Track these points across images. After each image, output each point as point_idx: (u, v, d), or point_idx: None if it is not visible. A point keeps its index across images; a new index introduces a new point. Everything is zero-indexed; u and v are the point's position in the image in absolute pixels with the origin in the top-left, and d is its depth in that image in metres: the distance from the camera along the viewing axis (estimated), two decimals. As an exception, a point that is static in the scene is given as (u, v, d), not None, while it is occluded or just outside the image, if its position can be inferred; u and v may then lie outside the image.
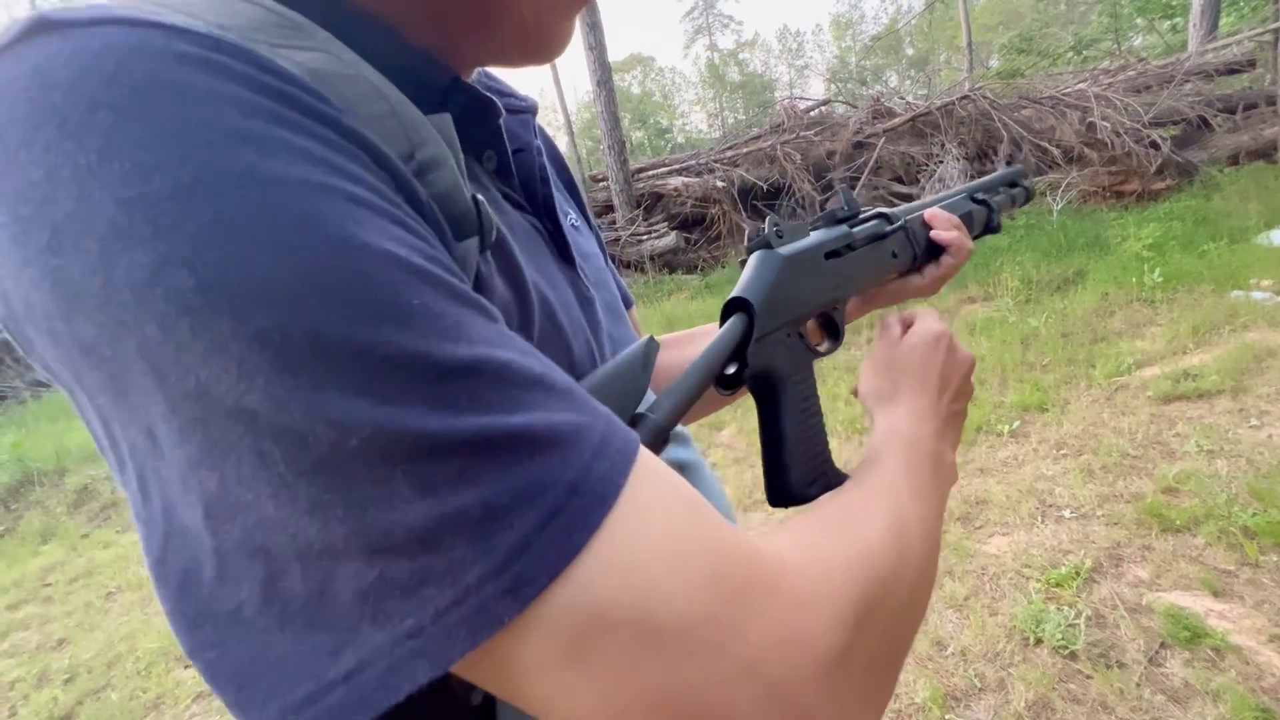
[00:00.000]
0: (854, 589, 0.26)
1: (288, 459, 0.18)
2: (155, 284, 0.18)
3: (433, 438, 0.19)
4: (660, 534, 0.22)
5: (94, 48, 0.19)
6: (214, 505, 0.19)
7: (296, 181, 0.19)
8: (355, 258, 0.19)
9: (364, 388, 0.19)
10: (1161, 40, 11.96)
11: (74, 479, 4.57)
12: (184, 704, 2.17)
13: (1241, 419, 2.42)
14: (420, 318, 0.20)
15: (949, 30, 27.99)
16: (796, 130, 7.38)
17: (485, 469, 0.20)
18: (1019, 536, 2.08)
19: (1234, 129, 6.24)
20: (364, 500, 0.19)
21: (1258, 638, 1.52)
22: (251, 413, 0.18)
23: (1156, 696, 1.43)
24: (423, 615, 0.19)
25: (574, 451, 0.21)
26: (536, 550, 0.20)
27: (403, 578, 0.19)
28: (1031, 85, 7.39)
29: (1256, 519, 1.85)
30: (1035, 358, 3.37)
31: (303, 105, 0.21)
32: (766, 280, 0.42)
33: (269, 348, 0.18)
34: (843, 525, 0.31)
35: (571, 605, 0.20)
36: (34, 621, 2.97)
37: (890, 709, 1.56)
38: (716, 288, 6.27)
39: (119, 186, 0.18)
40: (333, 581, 0.19)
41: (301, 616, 0.19)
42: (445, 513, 0.19)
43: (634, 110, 35.25)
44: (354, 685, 0.19)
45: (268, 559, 0.19)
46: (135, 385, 0.19)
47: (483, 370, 0.21)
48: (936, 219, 0.57)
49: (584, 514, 0.21)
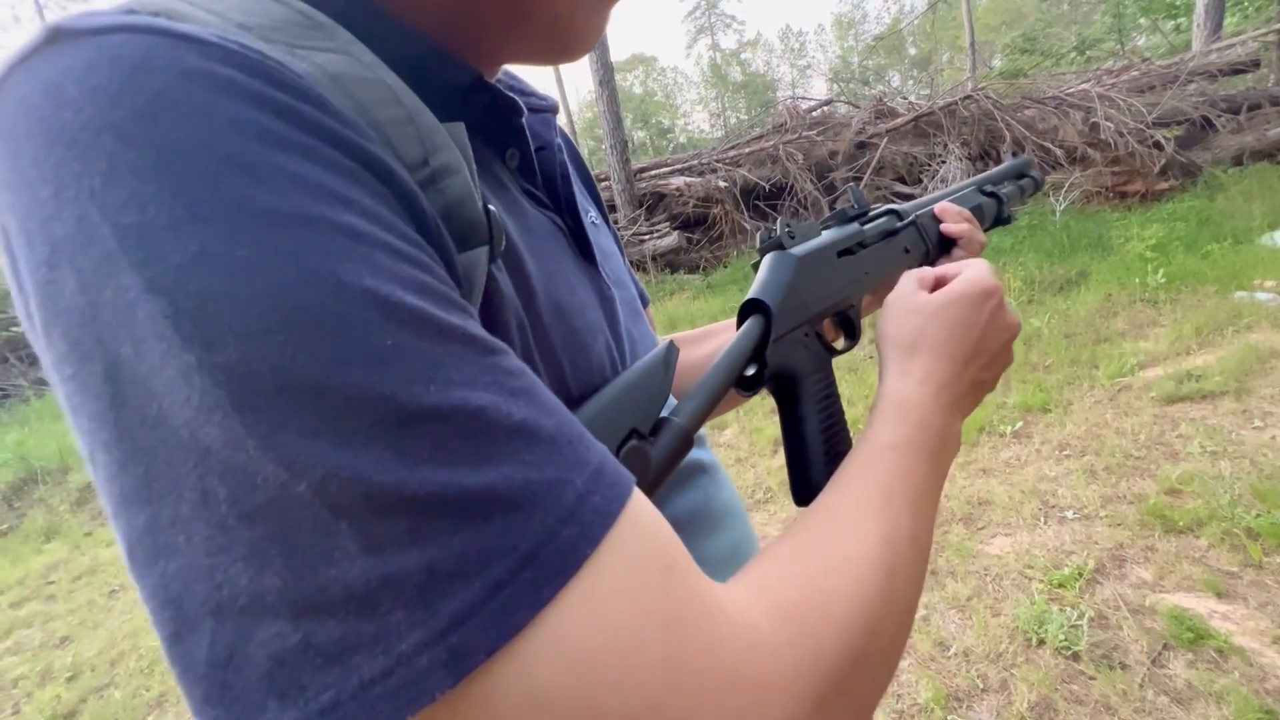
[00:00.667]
0: (825, 668, 0.24)
1: (232, 499, 0.18)
2: (136, 308, 0.18)
3: (384, 489, 0.18)
4: (619, 614, 0.21)
5: (103, 63, 0.19)
6: (136, 547, 0.19)
7: (285, 214, 0.19)
8: (332, 296, 0.19)
9: (322, 430, 0.18)
10: (1165, 40, 11.93)
11: (77, 477, 4.58)
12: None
13: (1245, 420, 2.42)
14: (393, 359, 0.19)
15: (952, 30, 27.96)
16: (799, 130, 7.38)
17: (435, 529, 0.19)
18: (1022, 537, 2.08)
19: (1238, 129, 6.22)
20: (304, 550, 0.18)
21: (1261, 639, 1.51)
22: (204, 448, 0.18)
23: (1159, 698, 1.43)
24: (344, 687, 0.18)
25: (538, 515, 0.20)
26: (478, 623, 0.19)
27: (329, 642, 0.18)
28: (1034, 85, 7.38)
29: (1260, 520, 1.85)
30: (1038, 358, 3.37)
31: (307, 122, 0.21)
32: (781, 281, 0.42)
33: (233, 381, 0.18)
34: (826, 576, 0.28)
35: (509, 687, 0.19)
36: (37, 619, 2.98)
37: (892, 709, 1.56)
38: (718, 287, 6.27)
39: (117, 212, 0.18)
40: (246, 644, 0.18)
41: (202, 685, 0.18)
42: (386, 573, 0.18)
43: (636, 110, 35.25)
44: None
45: (178, 612, 0.18)
46: (87, 409, 0.19)
47: (454, 418, 0.20)
48: (947, 212, 0.56)
49: (534, 588, 0.19)
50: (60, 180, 0.19)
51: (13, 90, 0.20)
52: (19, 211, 0.20)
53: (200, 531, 0.18)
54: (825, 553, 0.29)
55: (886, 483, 0.34)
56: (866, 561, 0.29)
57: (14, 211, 0.20)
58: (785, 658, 0.24)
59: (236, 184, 0.19)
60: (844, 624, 0.26)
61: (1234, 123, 6.24)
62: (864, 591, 0.28)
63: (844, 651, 0.25)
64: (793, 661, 0.24)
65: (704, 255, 7.23)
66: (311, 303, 0.19)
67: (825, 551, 0.29)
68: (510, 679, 0.19)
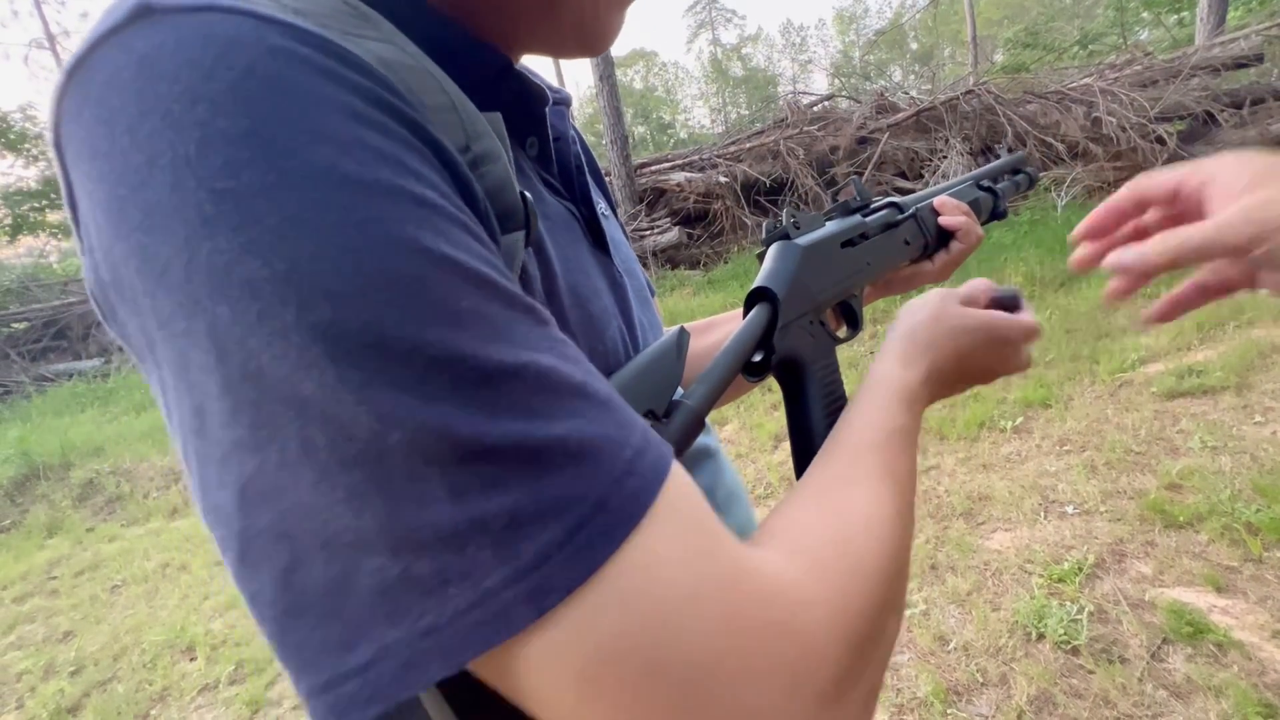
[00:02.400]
0: (861, 623, 0.26)
1: (331, 447, 0.19)
2: (233, 270, 0.19)
3: (468, 440, 0.20)
4: (679, 566, 0.22)
5: (195, 39, 0.20)
6: (249, 488, 0.20)
7: (369, 183, 0.20)
8: (414, 260, 0.20)
9: (409, 384, 0.19)
10: (1168, 34, 11.88)
11: (79, 473, 4.59)
12: (190, 695, 2.18)
13: (1246, 415, 2.42)
14: (469, 321, 0.21)
15: (953, 25, 27.85)
16: (800, 125, 7.36)
17: (516, 477, 0.20)
18: (1022, 532, 2.08)
19: (1241, 124, 6.20)
20: (398, 495, 0.19)
21: (1260, 634, 1.52)
22: (303, 400, 0.19)
23: (1159, 692, 1.43)
24: (440, 614, 0.19)
25: (605, 466, 0.22)
26: (558, 562, 0.20)
27: (425, 575, 0.19)
28: (1036, 80, 7.35)
29: (1260, 515, 1.85)
30: (1039, 354, 3.37)
31: (380, 101, 0.22)
32: (788, 270, 0.43)
33: (326, 339, 0.19)
34: (854, 537, 0.30)
35: (585, 628, 0.20)
36: (40, 614, 2.99)
37: (892, 703, 1.56)
38: (719, 283, 6.27)
39: (212, 178, 0.19)
40: (355, 574, 0.19)
41: (318, 607, 0.20)
42: (473, 517, 0.20)
43: (637, 105, 35.16)
44: (368, 678, 0.19)
45: (292, 545, 0.20)
46: (196, 363, 0.20)
47: (525, 375, 0.21)
48: (945, 206, 0.58)
49: (606, 533, 0.21)
50: (155, 148, 0.20)
51: (103, 63, 0.21)
52: (109, 179, 0.20)
53: (306, 476, 0.19)
54: (850, 516, 0.31)
55: (891, 460, 0.36)
56: (886, 524, 0.31)
57: (104, 179, 0.20)
58: (826, 611, 0.25)
59: (323, 153, 0.20)
60: (872, 579, 0.28)
61: (1237, 117, 6.21)
62: (885, 550, 0.30)
63: (875, 603, 0.27)
64: (833, 614, 0.25)
65: (705, 251, 7.23)
66: (396, 265, 0.20)
67: (850, 515, 0.31)
68: (583, 623, 0.20)
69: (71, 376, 8.01)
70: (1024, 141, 6.29)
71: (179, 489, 4.27)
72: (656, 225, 7.20)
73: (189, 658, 2.40)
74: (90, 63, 0.21)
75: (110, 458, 4.80)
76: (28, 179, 14.55)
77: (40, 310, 9.16)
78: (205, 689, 2.21)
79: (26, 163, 14.62)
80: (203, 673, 2.28)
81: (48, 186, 14.32)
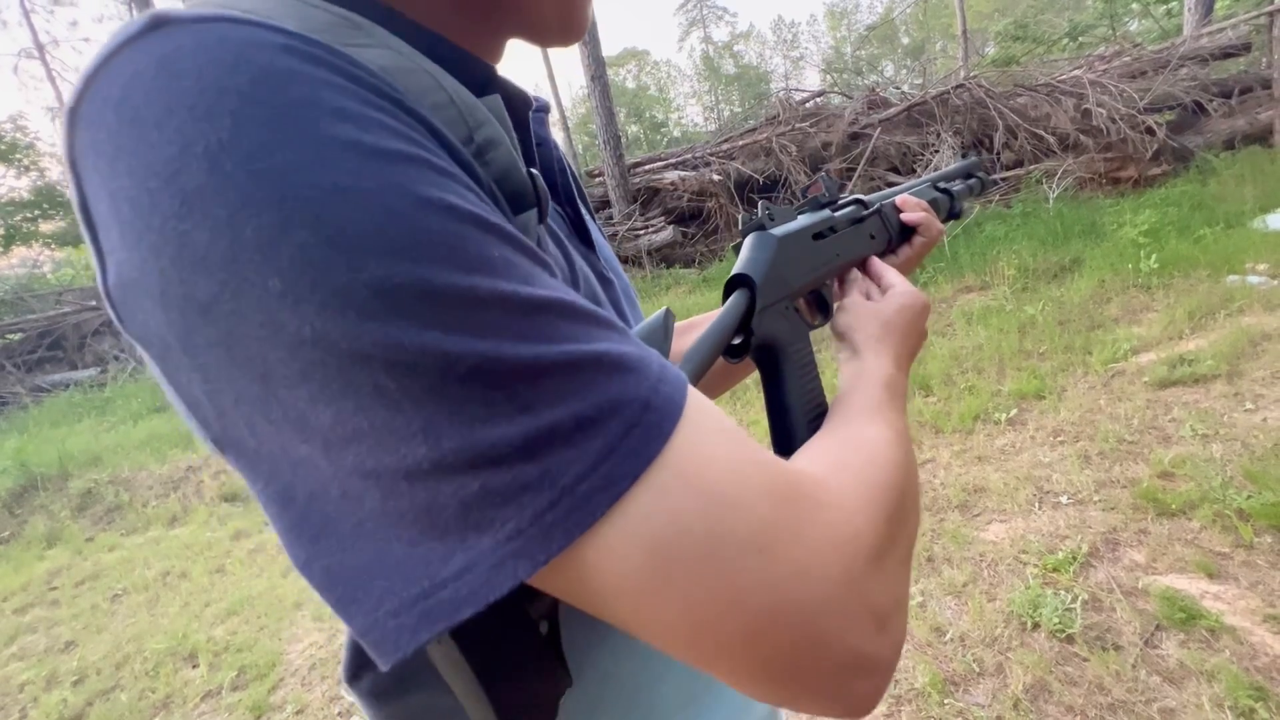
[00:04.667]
0: (885, 490, 0.30)
1: (402, 389, 0.21)
2: (281, 242, 0.20)
3: (525, 362, 0.22)
4: (718, 450, 0.25)
5: (213, 41, 0.22)
6: (331, 436, 0.22)
7: (393, 152, 0.22)
8: (447, 217, 0.22)
9: (465, 324, 0.22)
10: (1157, 25, 11.92)
11: (77, 483, 4.59)
12: (193, 702, 2.19)
13: (1237, 403, 2.44)
14: (503, 267, 0.23)
15: (944, 18, 27.88)
16: (792, 122, 7.37)
17: (573, 387, 0.23)
18: (1017, 523, 2.10)
19: (1229, 113, 6.23)
20: (470, 420, 0.21)
21: (1252, 618, 1.53)
22: (366, 353, 0.21)
23: (1152, 678, 1.45)
24: (521, 518, 0.22)
25: (641, 375, 0.24)
26: (621, 454, 0.22)
27: (503, 486, 0.21)
28: (1027, 73, 7.37)
29: (1251, 501, 1.87)
30: (1032, 346, 3.39)
31: (383, 92, 0.24)
32: (764, 258, 0.45)
33: (381, 295, 0.21)
34: (858, 445, 0.34)
35: (652, 509, 0.23)
36: (41, 625, 2.99)
37: (890, 695, 1.58)
38: (714, 281, 6.28)
39: (248, 160, 0.20)
40: (439, 495, 0.21)
41: (415, 527, 0.22)
42: (541, 426, 0.22)
43: (629, 104, 35.10)
44: (463, 582, 0.22)
45: (379, 480, 0.22)
46: (251, 336, 0.21)
47: (558, 306, 0.24)
48: (907, 203, 0.61)
49: (657, 426, 0.23)
50: (186, 138, 0.20)
51: (122, 67, 0.22)
52: (138, 173, 0.21)
53: (380, 417, 0.21)
54: (858, 439, 0.35)
55: (876, 404, 0.40)
56: (890, 446, 0.35)
57: (131, 174, 0.21)
58: (854, 489, 0.29)
59: (348, 130, 0.22)
60: (886, 476, 0.31)
61: (1226, 107, 6.25)
62: (893, 460, 0.33)
63: (894, 493, 0.31)
64: (860, 491, 0.29)
65: (699, 249, 7.24)
66: (432, 223, 0.22)
67: (858, 437, 0.35)
68: (650, 504, 0.23)
69: (68, 386, 7.99)
70: (1015, 134, 6.31)
71: (177, 497, 4.27)
72: (651, 224, 7.21)
73: (191, 665, 2.41)
74: (108, 70, 0.22)
75: (108, 467, 4.79)
76: (19, 189, 14.48)
77: (35, 321, 9.13)
78: (208, 695, 2.21)
79: (18, 173, 14.55)
80: (205, 679, 2.29)
81: (40, 197, 14.25)
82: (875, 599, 0.26)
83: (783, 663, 0.24)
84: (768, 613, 0.23)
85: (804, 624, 0.24)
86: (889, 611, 0.27)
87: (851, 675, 0.25)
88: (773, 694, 0.25)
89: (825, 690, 0.25)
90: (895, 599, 0.27)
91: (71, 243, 14.91)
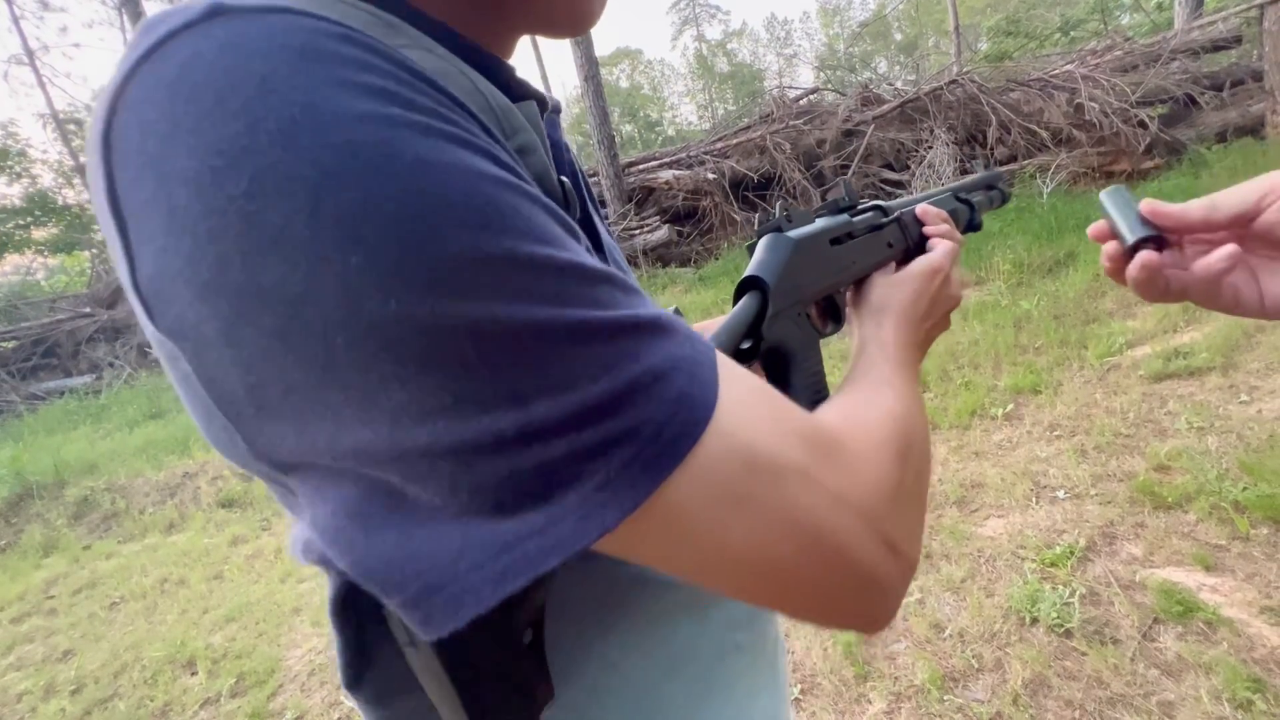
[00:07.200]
0: (894, 440, 0.33)
1: (486, 360, 0.21)
2: (365, 217, 0.20)
3: (607, 324, 0.23)
4: (756, 400, 0.27)
5: (279, 26, 0.21)
6: (402, 415, 0.21)
7: (459, 137, 0.23)
8: (517, 194, 0.23)
9: (548, 294, 0.22)
10: (1148, 19, 11.95)
11: (73, 491, 4.56)
12: (191, 710, 2.18)
13: (1232, 395, 2.45)
14: (554, 240, 0.24)
15: (937, 14, 27.93)
16: (786, 120, 7.38)
17: (643, 345, 0.24)
18: (1014, 518, 2.10)
19: (1221, 106, 6.25)
20: (555, 383, 0.22)
21: (1249, 610, 1.54)
22: (454, 325, 0.21)
23: (1150, 671, 1.45)
24: (610, 468, 0.22)
25: (683, 337, 0.26)
26: (691, 400, 0.24)
27: (592, 443, 0.22)
28: (1019, 68, 7.39)
29: (1247, 493, 1.88)
30: (1028, 340, 3.39)
31: (439, 86, 0.24)
32: (779, 260, 0.44)
33: (469, 266, 0.21)
34: (869, 400, 0.37)
35: (720, 452, 0.24)
36: (39, 634, 2.98)
37: (889, 691, 1.58)
38: (710, 280, 6.28)
39: (328, 133, 0.20)
40: (524, 461, 0.22)
41: (501, 489, 0.22)
42: (621, 381, 0.23)
43: (623, 104, 35.10)
44: (550, 534, 0.22)
45: (456, 458, 0.21)
46: (321, 317, 0.20)
47: (606, 277, 0.25)
48: (928, 215, 0.59)
49: (710, 378, 0.25)
50: (255, 115, 0.20)
51: (179, 49, 0.21)
52: (199, 152, 0.20)
53: (466, 388, 0.21)
54: (861, 401, 0.37)
55: (885, 370, 0.42)
56: (895, 402, 0.37)
57: (191, 153, 0.20)
58: (866, 435, 0.32)
59: (416, 116, 0.22)
60: (892, 426, 0.34)
61: (1217, 99, 6.27)
62: (897, 413, 0.36)
63: (900, 440, 0.34)
64: (871, 432, 0.33)
65: (695, 248, 7.24)
66: (506, 199, 0.23)
67: (861, 401, 0.38)
68: (718, 446, 0.24)
69: (63, 394, 7.96)
70: (1008, 130, 6.32)
71: (175, 504, 4.26)
72: (646, 224, 7.20)
73: (190, 672, 2.40)
74: (163, 53, 0.21)
75: (105, 474, 4.77)
76: (11, 196, 14.41)
77: (29, 328, 9.09)
78: (207, 703, 2.21)
79: (9, 180, 14.48)
80: (204, 687, 2.28)
81: (32, 204, 14.18)
82: (888, 529, 0.29)
83: (819, 580, 0.27)
84: (812, 534, 0.26)
85: (838, 547, 0.27)
86: (900, 540, 0.30)
87: (869, 593, 0.29)
88: (808, 609, 0.28)
89: (848, 606, 0.29)
90: (908, 530, 0.31)
91: (65, 249, 14.84)
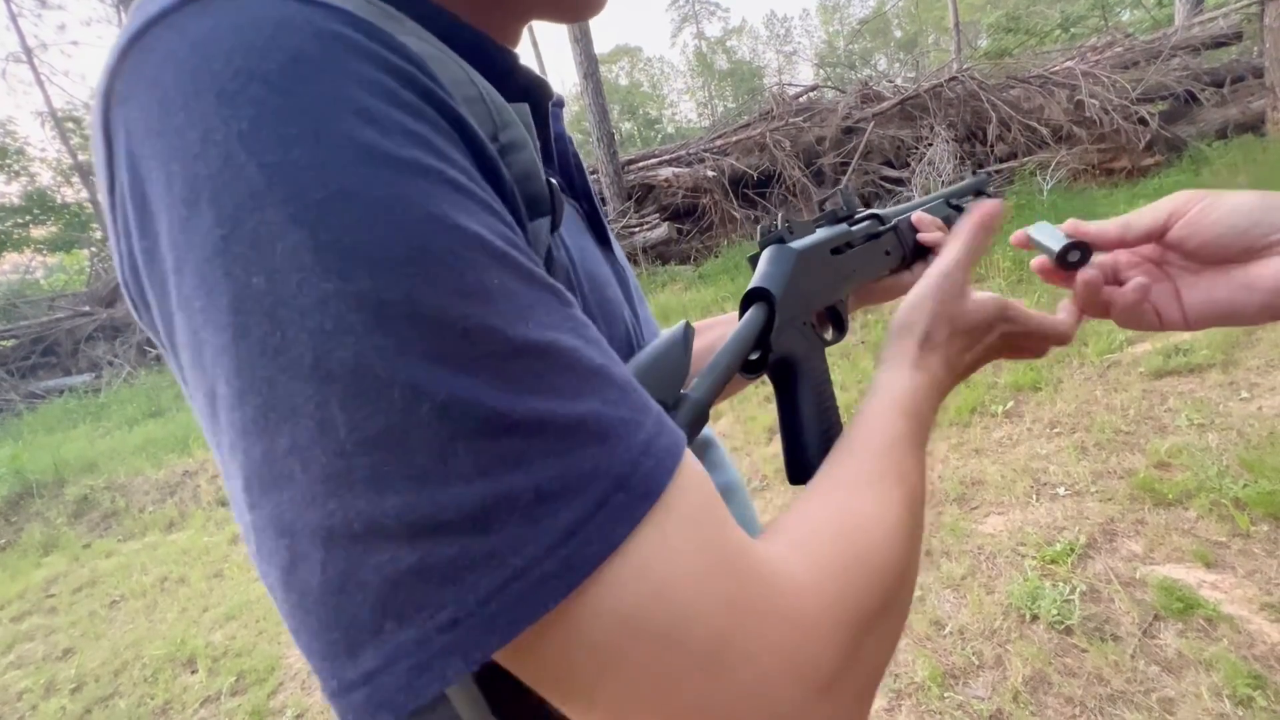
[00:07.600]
0: (857, 608, 0.26)
1: (352, 425, 0.19)
2: (277, 240, 0.19)
3: (496, 414, 0.20)
4: (690, 548, 0.22)
5: (245, 22, 0.21)
6: (253, 477, 0.20)
7: (407, 162, 0.21)
8: (449, 237, 0.21)
9: (444, 355, 0.20)
10: (1148, 15, 11.93)
11: (73, 490, 4.57)
12: (192, 708, 2.18)
13: (1232, 392, 2.44)
14: (499, 297, 0.21)
15: (937, 11, 27.89)
16: (785, 117, 7.36)
17: (541, 453, 0.20)
18: (1014, 515, 2.10)
19: (1221, 103, 6.24)
20: (423, 473, 0.19)
21: (1249, 606, 1.54)
22: (328, 373, 0.19)
23: (1150, 667, 1.45)
24: (463, 603, 0.19)
25: (624, 446, 0.22)
26: (583, 538, 0.20)
27: (446, 561, 0.19)
28: (1019, 65, 7.37)
29: (1247, 490, 1.87)
30: (1028, 338, 3.39)
31: (419, 86, 0.23)
32: (783, 272, 0.45)
33: (365, 308, 0.19)
34: (859, 533, 0.30)
35: (610, 601, 0.21)
36: (39, 632, 2.98)
37: (890, 689, 1.58)
38: (710, 278, 6.27)
39: (263, 152, 0.20)
40: (360, 569, 0.19)
41: (320, 608, 0.19)
42: (499, 492, 0.19)
43: (622, 101, 35.06)
44: (376, 686, 0.19)
45: (292, 541, 0.19)
46: (210, 343, 0.20)
47: (550, 354, 0.22)
48: (923, 222, 0.60)
49: (628, 509, 0.21)
50: (209, 124, 0.20)
51: (158, 44, 0.21)
52: (161, 154, 0.20)
53: (317, 459, 0.19)
54: (857, 516, 0.31)
55: (900, 462, 0.36)
56: (892, 527, 0.31)
57: (156, 156, 0.21)
58: (823, 600, 0.26)
59: (367, 133, 0.21)
60: (874, 576, 0.28)
61: (1218, 96, 6.26)
62: (889, 550, 0.30)
63: (874, 597, 0.27)
64: (830, 603, 0.26)
65: (694, 246, 7.23)
66: (433, 241, 0.20)
67: (857, 514, 0.31)
68: (605, 599, 0.21)
69: (62, 393, 7.95)
70: (1008, 127, 6.31)
71: (174, 502, 4.26)
72: (645, 221, 7.19)
73: (190, 670, 2.40)
74: (144, 43, 0.21)
75: (104, 473, 4.77)
76: (10, 195, 14.39)
77: (28, 327, 9.08)
78: (207, 701, 2.21)
79: (8, 179, 14.46)
80: (204, 685, 2.28)
81: (30, 202, 14.16)
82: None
83: None
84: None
85: None
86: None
87: None
88: None
89: None
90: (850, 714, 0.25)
91: (64, 248, 14.84)
